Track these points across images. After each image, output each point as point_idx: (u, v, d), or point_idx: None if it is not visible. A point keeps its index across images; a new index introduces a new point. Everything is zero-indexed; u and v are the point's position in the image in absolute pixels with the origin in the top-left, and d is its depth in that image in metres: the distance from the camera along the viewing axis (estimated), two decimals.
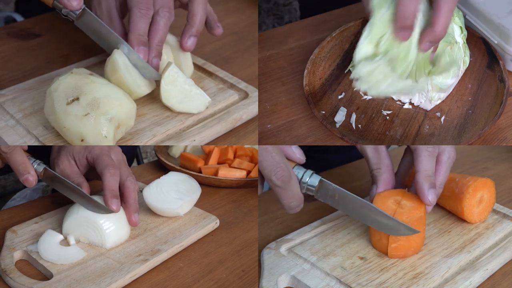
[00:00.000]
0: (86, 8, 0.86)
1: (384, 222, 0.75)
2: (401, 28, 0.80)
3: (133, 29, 0.85)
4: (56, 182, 0.84)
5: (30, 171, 0.81)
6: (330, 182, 0.75)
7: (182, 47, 0.91)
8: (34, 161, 0.82)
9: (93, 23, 0.87)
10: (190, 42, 0.91)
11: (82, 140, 0.77)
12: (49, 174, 0.83)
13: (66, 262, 0.77)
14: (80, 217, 0.81)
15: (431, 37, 0.80)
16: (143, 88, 0.86)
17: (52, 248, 0.79)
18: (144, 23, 0.86)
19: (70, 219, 0.82)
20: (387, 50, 0.83)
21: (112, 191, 0.82)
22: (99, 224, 0.80)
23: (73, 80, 0.79)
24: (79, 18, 0.87)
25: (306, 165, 0.76)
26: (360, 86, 0.85)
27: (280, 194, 0.72)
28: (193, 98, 0.88)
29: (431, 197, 0.77)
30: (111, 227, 0.81)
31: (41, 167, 0.82)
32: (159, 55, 0.88)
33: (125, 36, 0.87)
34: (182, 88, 0.87)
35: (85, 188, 0.84)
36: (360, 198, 0.75)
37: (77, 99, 0.77)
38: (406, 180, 0.87)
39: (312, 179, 0.74)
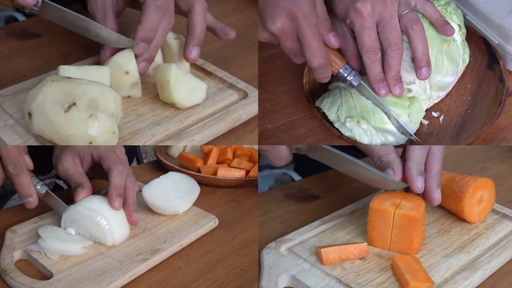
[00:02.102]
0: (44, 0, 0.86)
1: (372, 176, 0.79)
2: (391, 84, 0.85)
3: (144, 21, 0.85)
4: (56, 205, 0.85)
5: (32, 195, 0.82)
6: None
7: (186, 58, 0.92)
8: (38, 182, 0.84)
9: (57, 11, 0.87)
10: (195, 52, 0.92)
11: (90, 143, 0.77)
12: (49, 198, 0.85)
13: (69, 251, 0.78)
14: (78, 212, 0.81)
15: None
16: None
17: (55, 234, 0.79)
18: (157, 18, 0.86)
19: (69, 212, 0.82)
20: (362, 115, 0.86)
21: (118, 189, 0.82)
22: (99, 220, 0.80)
23: (59, 88, 0.77)
24: (42, 10, 0.86)
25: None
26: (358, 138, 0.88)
27: (268, 156, 0.81)
28: (196, 90, 0.89)
29: (420, 184, 0.78)
30: (112, 225, 0.81)
31: (43, 189, 0.84)
32: (151, 60, 0.89)
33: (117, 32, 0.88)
34: (187, 84, 0.88)
35: (87, 189, 0.84)
36: (346, 154, 0.78)
37: (74, 104, 0.76)
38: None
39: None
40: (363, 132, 0.86)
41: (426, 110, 0.92)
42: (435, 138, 0.89)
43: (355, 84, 0.86)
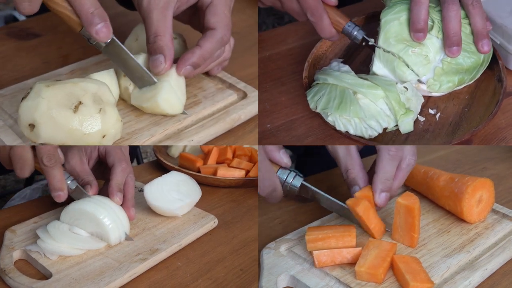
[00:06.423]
0: (114, 38, 0.82)
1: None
2: (415, 31, 0.86)
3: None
4: (83, 197, 0.85)
5: (63, 189, 0.82)
6: (310, 186, 0.84)
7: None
8: (68, 177, 0.84)
9: (121, 54, 0.84)
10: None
11: (103, 137, 0.77)
12: (78, 192, 0.84)
13: (69, 251, 0.78)
14: (76, 210, 0.81)
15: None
16: None
17: (64, 233, 0.80)
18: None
19: (67, 210, 0.82)
20: None
21: (119, 184, 0.84)
22: (100, 219, 0.80)
23: (59, 91, 0.76)
24: (107, 47, 0.83)
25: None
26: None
27: (266, 199, 0.85)
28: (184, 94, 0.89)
29: (380, 200, 0.81)
30: (115, 224, 0.81)
31: (73, 185, 0.84)
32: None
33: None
34: (178, 94, 0.87)
35: (94, 187, 0.85)
36: (334, 199, 0.84)
37: (80, 103, 0.75)
38: None
39: (295, 181, 0.84)
40: (346, 122, 0.86)
41: (423, 107, 0.92)
42: (431, 134, 0.89)
43: (359, 37, 0.91)
